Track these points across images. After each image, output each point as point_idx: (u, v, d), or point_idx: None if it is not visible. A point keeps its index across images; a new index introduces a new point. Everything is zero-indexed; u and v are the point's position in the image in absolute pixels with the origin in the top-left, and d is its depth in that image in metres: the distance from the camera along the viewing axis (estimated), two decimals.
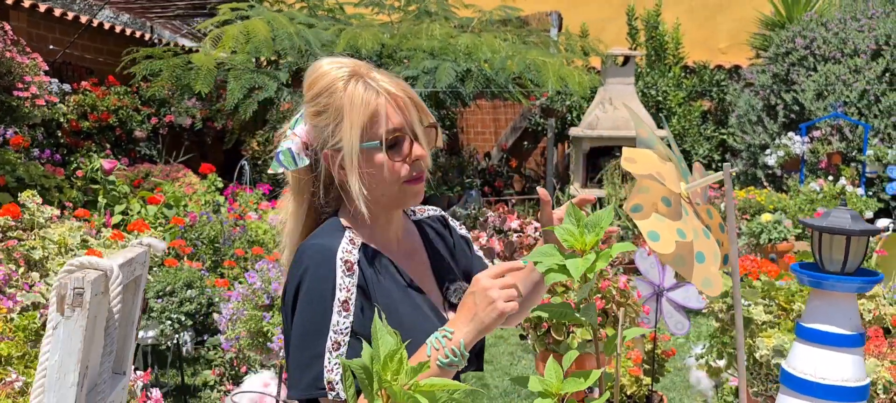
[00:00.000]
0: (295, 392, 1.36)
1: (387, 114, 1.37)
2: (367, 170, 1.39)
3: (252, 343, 2.71)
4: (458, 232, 1.67)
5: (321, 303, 1.33)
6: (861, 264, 1.64)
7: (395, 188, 1.41)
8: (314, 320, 1.33)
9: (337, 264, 1.34)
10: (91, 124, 7.62)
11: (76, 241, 2.90)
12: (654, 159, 1.48)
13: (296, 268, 1.37)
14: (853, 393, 1.60)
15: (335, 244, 1.37)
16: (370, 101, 1.37)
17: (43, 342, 1.29)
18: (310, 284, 1.34)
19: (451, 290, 1.53)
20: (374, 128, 1.37)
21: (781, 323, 2.43)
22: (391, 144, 1.38)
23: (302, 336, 1.34)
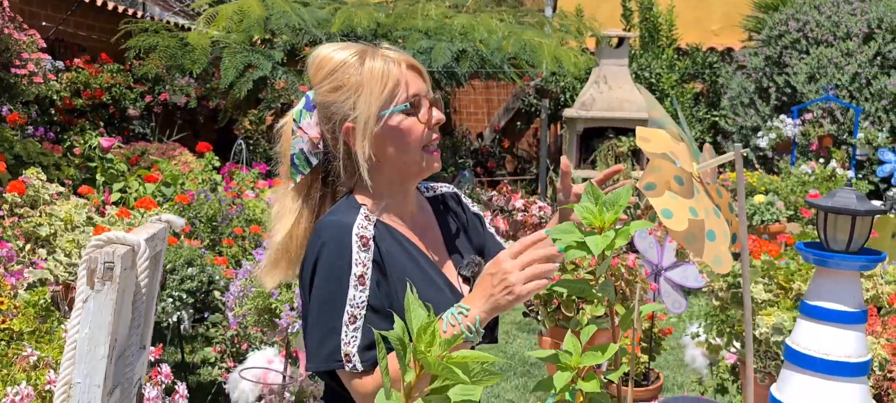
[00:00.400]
0: (313, 364, 1.39)
1: (409, 80, 1.43)
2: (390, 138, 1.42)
3: (259, 320, 2.74)
4: (470, 209, 1.71)
5: (337, 278, 1.35)
6: (865, 244, 1.68)
7: (417, 154, 1.45)
8: (331, 295, 1.36)
9: (353, 239, 1.37)
10: (84, 102, 7.58)
11: (82, 218, 2.90)
12: (667, 139, 1.51)
13: (313, 244, 1.40)
14: (855, 369, 1.64)
15: (351, 220, 1.40)
16: (392, 70, 1.41)
17: (72, 315, 1.31)
18: (326, 260, 1.37)
19: (465, 264, 1.56)
20: (396, 94, 1.41)
21: (781, 301, 2.48)
22: (415, 106, 1.43)
23: (319, 310, 1.37)
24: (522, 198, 4.73)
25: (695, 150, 1.60)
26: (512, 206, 4.50)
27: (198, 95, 8.46)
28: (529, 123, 11.25)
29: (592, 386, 1.25)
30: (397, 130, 1.42)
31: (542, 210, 4.52)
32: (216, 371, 3.96)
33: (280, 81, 7.90)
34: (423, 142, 1.45)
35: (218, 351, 3.85)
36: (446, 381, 1.02)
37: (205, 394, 4.07)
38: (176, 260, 3.86)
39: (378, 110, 1.40)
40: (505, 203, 4.69)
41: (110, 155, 5.80)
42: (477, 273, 1.56)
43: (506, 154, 11.16)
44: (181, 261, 3.86)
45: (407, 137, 1.43)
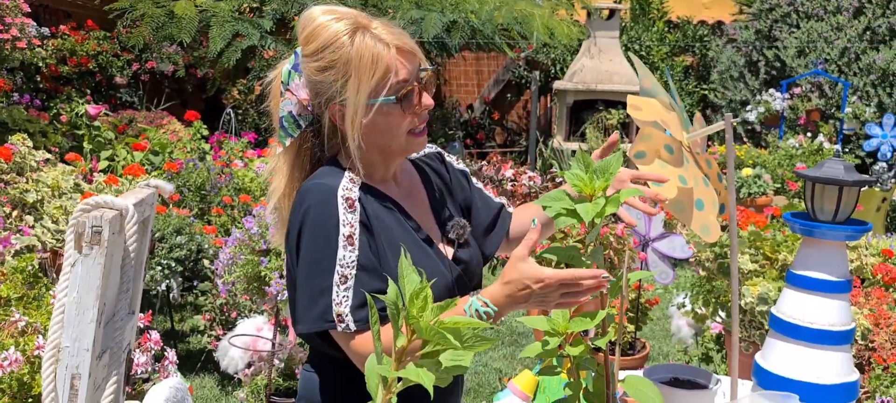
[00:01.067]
0: (303, 326, 1.39)
1: (397, 67, 1.37)
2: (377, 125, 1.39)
3: (248, 287, 2.74)
4: (455, 166, 1.69)
5: (325, 239, 1.35)
6: (851, 214, 1.69)
7: (402, 139, 1.43)
8: (319, 256, 1.35)
9: (338, 201, 1.36)
10: (70, 69, 7.49)
11: (69, 185, 2.88)
12: (658, 108, 1.52)
13: (298, 209, 1.39)
14: (839, 337, 1.66)
15: (335, 182, 1.39)
16: (382, 55, 1.36)
17: (60, 279, 1.31)
18: (313, 221, 1.36)
19: (450, 227, 1.56)
20: (384, 83, 1.37)
21: (766, 272, 2.50)
22: (404, 97, 1.39)
23: (308, 273, 1.36)
24: (512, 168, 4.74)
25: (685, 120, 1.60)
26: (502, 176, 4.51)
27: (185, 64, 8.39)
28: (520, 95, 11.22)
29: (579, 351, 1.26)
30: (384, 120, 1.40)
31: (531, 180, 4.53)
32: (205, 339, 3.97)
33: (269, 50, 7.84)
34: (409, 128, 1.43)
35: (207, 319, 3.85)
36: (438, 346, 1.02)
37: (194, 362, 4.09)
38: (165, 228, 3.85)
39: (366, 99, 1.37)
40: (495, 173, 4.69)
41: (97, 123, 5.74)
42: (462, 235, 1.56)
43: (496, 126, 11.14)
44: (170, 230, 3.85)
45: (393, 127, 1.41)
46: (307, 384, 1.51)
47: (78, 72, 7.57)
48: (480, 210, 1.68)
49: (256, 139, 6.63)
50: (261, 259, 2.68)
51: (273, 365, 3.06)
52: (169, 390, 1.83)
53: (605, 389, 1.34)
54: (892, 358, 2.28)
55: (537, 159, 8.97)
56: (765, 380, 1.68)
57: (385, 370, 1.00)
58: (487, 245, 1.68)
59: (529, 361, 4.22)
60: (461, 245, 1.56)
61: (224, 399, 3.68)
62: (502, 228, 1.72)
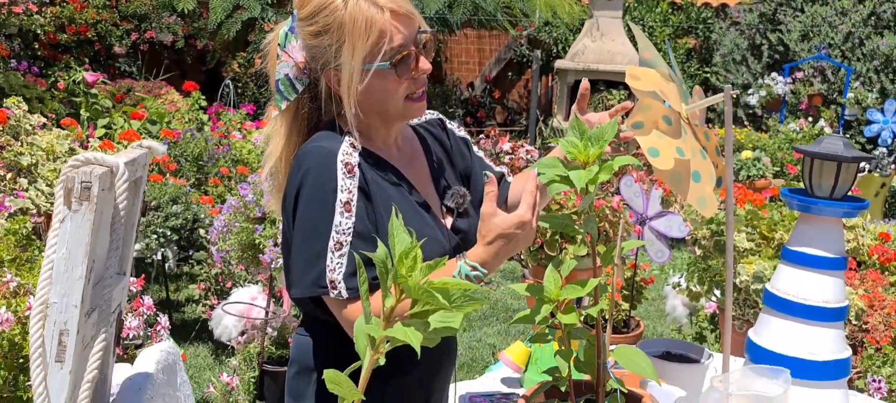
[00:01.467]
0: (297, 290, 1.38)
1: (393, 31, 1.34)
2: (373, 90, 1.37)
3: (243, 256, 2.73)
4: (456, 133, 1.67)
5: (323, 205, 1.33)
6: (848, 191, 1.68)
7: (400, 104, 1.40)
8: (316, 221, 1.33)
9: (338, 166, 1.34)
10: (69, 37, 7.44)
11: (64, 149, 2.87)
12: (657, 78, 1.50)
13: (296, 172, 1.37)
14: (832, 313, 1.65)
15: (335, 147, 1.37)
16: (375, 19, 1.33)
17: (49, 235, 1.30)
18: (311, 186, 1.34)
19: (449, 195, 1.55)
20: (379, 47, 1.34)
21: (762, 250, 2.49)
22: (400, 62, 1.36)
23: (304, 237, 1.35)
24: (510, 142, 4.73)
25: (684, 92, 1.59)
26: (499, 150, 4.50)
27: (185, 35, 8.33)
28: (521, 74, 11.17)
29: (571, 318, 1.25)
30: (380, 85, 1.37)
31: (529, 153, 4.52)
32: (200, 308, 3.97)
33: (269, 23, 7.79)
34: (406, 93, 1.40)
35: (202, 289, 3.85)
36: (427, 306, 1.01)
37: (188, 331, 4.09)
38: (161, 197, 3.84)
39: (361, 64, 1.34)
40: (492, 146, 4.68)
41: (95, 90, 5.71)
42: (461, 204, 1.54)
43: (496, 104, 11.10)
44: (166, 198, 3.83)
45: (390, 92, 1.38)
46: (300, 348, 1.50)
47: (76, 40, 7.52)
48: (481, 179, 1.67)
49: (255, 111, 6.61)
50: (255, 227, 2.67)
51: (266, 334, 3.06)
52: (160, 353, 1.82)
53: (596, 359, 1.34)
54: (885, 340, 2.28)
55: (537, 138, 8.95)
56: (757, 356, 1.68)
57: (373, 329, 0.99)
58: None
59: (522, 332, 4.23)
60: (460, 214, 1.55)
61: (217, 367, 3.69)
62: (502, 198, 1.70)
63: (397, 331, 0.97)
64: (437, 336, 1.03)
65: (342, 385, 1.02)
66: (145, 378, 1.68)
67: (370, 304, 1.01)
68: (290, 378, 1.53)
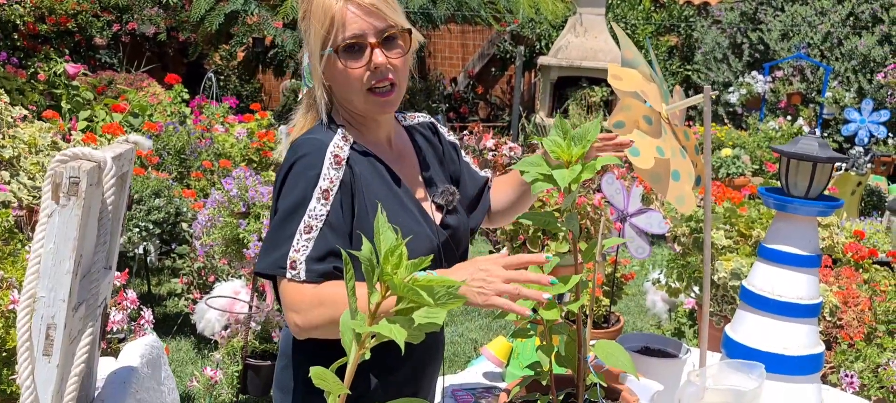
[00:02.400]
0: (260, 266, 1.39)
1: (344, 20, 1.36)
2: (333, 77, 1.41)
3: (227, 250, 2.74)
4: (446, 138, 1.70)
5: (303, 188, 1.36)
6: (823, 191, 1.72)
7: (360, 97, 1.41)
8: (293, 203, 1.36)
9: (326, 155, 1.37)
10: (49, 28, 7.37)
11: (46, 142, 2.85)
12: (639, 78, 1.53)
13: (287, 160, 1.40)
14: (806, 310, 1.70)
15: (328, 139, 1.40)
16: (330, 7, 1.37)
17: (36, 229, 1.30)
18: (295, 170, 1.37)
19: (439, 193, 1.57)
20: (332, 34, 1.37)
21: (740, 248, 2.54)
22: (348, 50, 1.37)
23: (280, 218, 1.37)
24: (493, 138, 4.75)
25: (665, 92, 1.62)
26: (483, 146, 4.52)
27: (167, 27, 8.28)
28: (504, 70, 11.20)
29: (553, 314, 1.28)
30: (334, 73, 1.40)
31: (512, 151, 4.55)
32: (182, 302, 3.96)
33: (252, 16, 7.76)
34: (364, 86, 1.40)
35: (185, 283, 3.85)
36: (411, 303, 1.04)
37: (170, 325, 4.08)
38: (143, 190, 3.83)
39: (319, 49, 1.39)
40: (476, 142, 4.70)
41: (76, 82, 5.66)
42: (451, 201, 1.57)
43: (479, 100, 11.12)
44: (148, 192, 3.82)
45: (344, 81, 1.40)
46: (289, 341, 1.52)
47: (56, 31, 7.44)
48: (467, 183, 1.70)
49: (238, 104, 6.58)
50: (239, 221, 2.68)
51: (249, 328, 3.07)
52: (144, 347, 1.83)
53: (577, 353, 1.37)
54: (858, 336, 2.33)
55: (520, 134, 8.98)
56: (733, 351, 1.72)
57: (358, 325, 1.01)
58: (472, 218, 1.70)
59: (504, 328, 4.26)
60: (449, 211, 1.57)
61: (200, 361, 3.69)
62: (486, 202, 1.74)
63: (382, 328, 0.99)
64: (422, 333, 1.06)
65: (327, 379, 1.04)
66: (130, 371, 1.69)
67: (356, 299, 1.03)
68: (278, 371, 1.55)
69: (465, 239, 1.62)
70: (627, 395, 1.38)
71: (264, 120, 5.39)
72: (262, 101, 9.66)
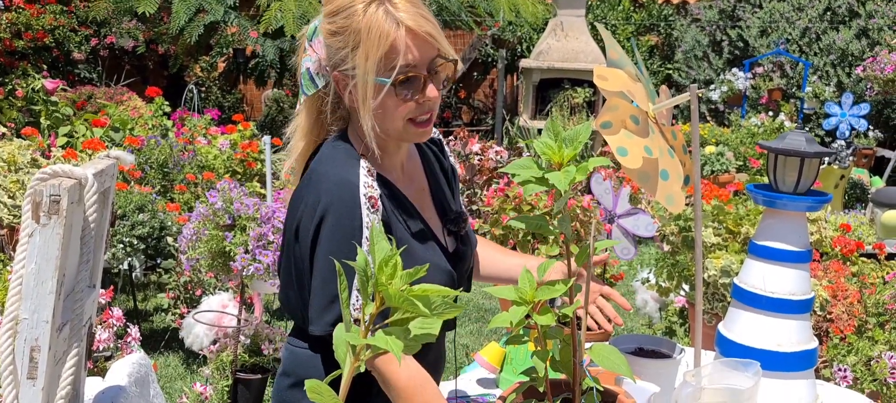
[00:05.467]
0: (317, 328, 1.35)
1: (404, 49, 1.30)
2: (376, 104, 1.33)
3: (213, 263, 2.71)
4: (450, 159, 1.67)
5: (349, 242, 1.30)
6: (812, 185, 1.72)
7: (400, 125, 1.36)
8: (340, 256, 1.28)
9: (361, 201, 1.32)
10: (26, 44, 7.29)
11: (26, 159, 2.81)
12: (624, 78, 1.52)
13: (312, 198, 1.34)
14: (798, 305, 1.69)
15: (354, 178, 1.34)
16: (389, 33, 1.29)
17: (17, 250, 1.27)
18: (336, 222, 1.31)
19: (451, 219, 1.54)
20: (389, 62, 1.30)
21: (729, 245, 2.54)
22: (403, 82, 1.32)
23: (328, 275, 1.32)
24: (479, 143, 4.74)
25: (651, 91, 1.61)
26: (469, 151, 4.51)
27: (146, 39, 8.21)
28: (486, 74, 11.21)
29: (547, 319, 1.27)
30: (383, 100, 1.33)
31: (498, 154, 4.54)
32: (169, 317, 3.92)
33: (232, 26, 7.71)
34: (408, 116, 1.35)
35: (171, 298, 3.81)
36: (407, 313, 1.02)
37: (158, 341, 4.04)
38: (126, 205, 3.78)
39: (373, 75, 1.30)
40: (462, 147, 4.69)
41: (55, 98, 5.60)
42: (463, 228, 1.54)
43: (462, 104, 11.12)
44: (132, 207, 3.78)
45: (389, 111, 1.34)
46: (297, 359, 1.46)
47: (34, 46, 7.36)
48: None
49: (220, 116, 6.54)
50: (225, 234, 2.65)
51: (238, 342, 3.03)
52: (131, 365, 1.80)
53: (572, 358, 1.35)
54: (849, 329, 2.34)
55: (504, 137, 8.99)
56: (727, 349, 1.71)
57: (353, 337, 1.00)
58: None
59: (496, 334, 4.25)
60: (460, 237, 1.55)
61: (189, 377, 3.65)
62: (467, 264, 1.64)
63: (378, 339, 0.98)
64: (418, 344, 1.04)
65: (323, 393, 1.02)
66: (118, 391, 1.66)
67: (350, 313, 1.01)
68: (283, 389, 1.48)
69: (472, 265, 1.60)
70: (624, 398, 1.37)
71: (247, 130, 5.35)
72: (245, 112, 9.60)
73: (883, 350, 2.18)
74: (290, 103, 9.61)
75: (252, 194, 3.00)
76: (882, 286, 2.48)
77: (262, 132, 6.60)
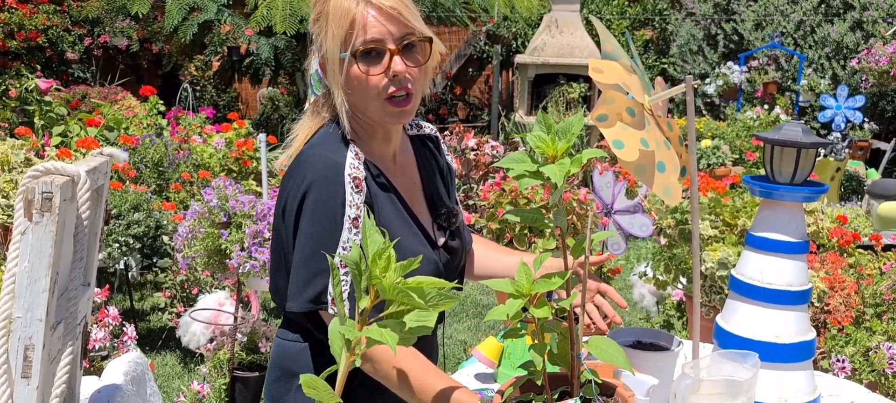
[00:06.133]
0: (295, 304, 1.35)
1: (364, 23, 1.31)
2: (349, 83, 1.35)
3: (209, 261, 2.70)
4: (446, 157, 1.66)
5: (330, 219, 1.31)
6: (808, 176, 1.72)
7: (376, 103, 1.36)
8: (321, 236, 1.31)
9: (346, 180, 1.32)
10: (19, 44, 7.26)
11: (20, 159, 2.80)
12: (620, 70, 1.51)
13: (298, 178, 1.34)
14: (796, 297, 1.69)
15: (341, 159, 1.34)
16: (349, 9, 1.31)
17: (10, 248, 1.26)
18: (317, 198, 1.31)
19: (442, 213, 1.54)
20: (350, 37, 1.31)
21: (726, 237, 2.54)
22: (366, 55, 1.32)
23: (308, 252, 1.32)
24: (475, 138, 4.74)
25: (647, 84, 1.61)
26: (465, 146, 4.51)
27: (140, 38, 8.19)
28: (481, 70, 11.20)
29: (544, 313, 1.26)
30: (350, 78, 1.34)
31: (494, 149, 4.54)
32: (166, 316, 3.91)
33: (225, 25, 7.69)
34: (382, 93, 1.34)
35: (168, 297, 3.79)
36: (402, 306, 1.01)
37: (155, 340, 4.03)
38: (122, 205, 3.77)
39: (338, 52, 1.32)
40: (458, 142, 4.69)
41: (49, 98, 5.58)
42: (454, 224, 1.54)
43: (458, 101, 11.11)
44: (127, 206, 3.77)
45: (361, 87, 1.34)
46: (283, 352, 1.47)
47: (27, 46, 7.33)
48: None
49: (215, 114, 6.52)
50: (221, 231, 2.64)
51: (236, 340, 3.02)
52: (128, 364, 1.79)
53: (570, 351, 1.35)
54: (846, 320, 2.34)
55: (500, 133, 8.98)
56: (726, 341, 1.71)
57: (348, 331, 0.99)
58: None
59: (493, 328, 4.25)
60: (451, 232, 1.55)
61: (186, 375, 3.64)
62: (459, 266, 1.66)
63: (373, 332, 0.97)
64: (413, 336, 1.03)
65: (319, 389, 1.01)
66: (114, 389, 1.65)
67: (345, 306, 1.01)
68: (270, 383, 1.50)
69: (464, 261, 1.59)
70: (622, 391, 1.36)
71: (242, 129, 5.34)
72: (240, 110, 9.58)
73: (881, 340, 2.18)
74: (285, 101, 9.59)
75: (247, 192, 2.99)
76: (879, 277, 2.48)
77: (258, 130, 6.59)
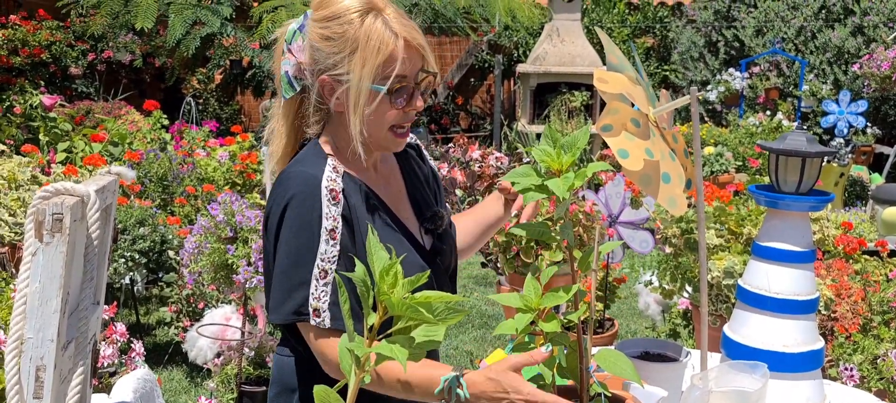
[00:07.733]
0: (276, 317, 1.37)
1: (400, 59, 1.34)
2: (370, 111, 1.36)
3: (216, 276, 2.70)
4: (430, 163, 1.68)
5: (308, 232, 1.33)
6: (814, 185, 1.72)
7: (383, 132, 1.40)
8: (300, 248, 1.33)
9: (322, 193, 1.34)
10: (23, 60, 7.29)
11: (26, 177, 2.81)
12: (624, 81, 1.52)
13: (279, 195, 1.37)
14: (804, 306, 1.69)
15: (319, 172, 1.37)
16: (388, 42, 1.33)
17: (21, 269, 1.27)
18: (295, 212, 1.34)
19: (428, 217, 1.55)
20: (385, 70, 1.34)
21: (731, 246, 2.54)
22: (397, 91, 1.36)
23: (287, 265, 1.34)
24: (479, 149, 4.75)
25: (651, 94, 1.61)
26: (469, 158, 4.52)
27: (143, 53, 8.22)
28: (483, 79, 11.21)
29: (553, 326, 1.26)
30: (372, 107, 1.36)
31: (498, 161, 4.55)
32: (172, 331, 3.91)
33: (228, 38, 7.72)
34: (394, 124, 1.40)
35: (174, 311, 3.80)
36: (410, 321, 1.02)
37: (161, 355, 4.03)
38: (127, 220, 3.78)
39: (369, 82, 1.34)
40: (462, 154, 4.70)
41: (53, 114, 5.60)
42: (440, 225, 1.55)
43: (460, 110, 11.12)
44: (132, 221, 3.78)
45: (377, 117, 1.37)
46: (281, 367, 1.49)
47: (31, 62, 7.37)
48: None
49: (218, 127, 6.53)
50: (227, 247, 2.65)
51: (243, 354, 3.03)
52: (137, 381, 1.79)
53: (578, 363, 1.35)
54: (854, 327, 2.33)
55: (502, 143, 8.99)
56: (733, 351, 1.71)
57: (358, 347, 0.99)
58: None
59: (501, 340, 4.24)
60: (438, 235, 1.55)
61: (194, 391, 3.64)
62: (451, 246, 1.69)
63: (383, 348, 0.97)
64: (422, 351, 1.04)
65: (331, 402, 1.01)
66: None
67: (352, 323, 1.01)
68: (271, 398, 1.52)
69: (454, 263, 1.60)
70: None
71: (246, 142, 5.35)
72: (243, 123, 9.60)
73: (889, 348, 2.18)
74: None
75: (253, 206, 3.00)
76: (886, 283, 2.48)
77: (261, 143, 6.60)
